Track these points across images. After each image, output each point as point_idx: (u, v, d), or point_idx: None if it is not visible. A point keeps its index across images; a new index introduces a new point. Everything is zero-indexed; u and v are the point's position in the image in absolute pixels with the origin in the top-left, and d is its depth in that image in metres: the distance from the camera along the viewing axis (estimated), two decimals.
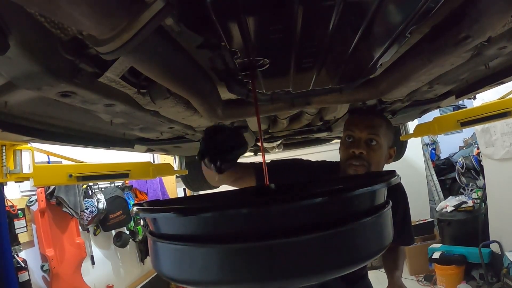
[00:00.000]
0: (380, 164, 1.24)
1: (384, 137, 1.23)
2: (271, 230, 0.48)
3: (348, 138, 1.24)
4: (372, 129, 1.21)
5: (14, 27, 0.49)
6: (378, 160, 1.22)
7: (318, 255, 0.49)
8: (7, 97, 0.77)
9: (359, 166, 1.19)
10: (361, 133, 1.21)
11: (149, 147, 1.69)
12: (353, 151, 1.20)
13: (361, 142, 1.20)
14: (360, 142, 1.20)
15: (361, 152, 1.19)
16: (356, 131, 1.22)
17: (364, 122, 1.23)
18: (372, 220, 0.54)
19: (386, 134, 1.23)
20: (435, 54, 0.75)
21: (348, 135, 1.25)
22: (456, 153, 5.80)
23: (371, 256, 0.53)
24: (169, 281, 0.58)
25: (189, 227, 0.52)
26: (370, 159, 1.19)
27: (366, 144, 1.20)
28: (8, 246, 1.94)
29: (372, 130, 1.20)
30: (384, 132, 1.23)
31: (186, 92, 0.83)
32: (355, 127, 1.23)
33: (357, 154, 1.19)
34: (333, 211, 0.52)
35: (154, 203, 0.74)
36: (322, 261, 0.49)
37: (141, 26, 0.44)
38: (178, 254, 0.52)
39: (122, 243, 3.96)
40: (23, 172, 1.49)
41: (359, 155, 1.19)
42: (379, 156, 1.21)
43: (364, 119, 1.25)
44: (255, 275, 0.48)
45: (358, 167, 1.19)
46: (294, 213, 0.50)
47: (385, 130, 1.24)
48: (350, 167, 1.20)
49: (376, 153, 1.21)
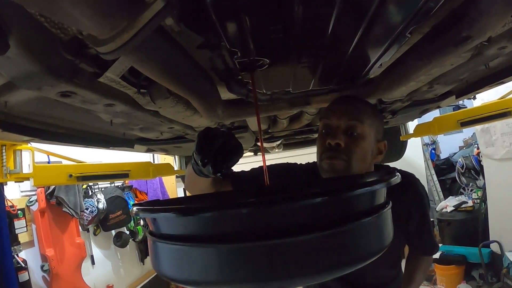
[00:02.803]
0: (365, 160, 0.98)
1: (370, 127, 0.97)
2: (271, 230, 0.48)
3: (324, 129, 1.00)
4: (353, 115, 0.96)
5: (14, 27, 0.49)
6: (362, 154, 0.96)
7: (317, 255, 0.49)
8: (7, 97, 0.77)
9: (335, 160, 0.94)
10: (339, 120, 0.96)
11: (149, 147, 1.69)
12: (329, 142, 0.95)
13: (339, 131, 0.96)
14: (337, 131, 0.96)
15: (338, 143, 0.94)
16: (333, 118, 0.97)
17: (342, 107, 0.99)
18: (370, 221, 0.54)
19: (372, 123, 0.98)
20: (435, 54, 0.75)
21: (324, 124, 1.00)
22: (456, 153, 5.80)
23: (369, 257, 0.53)
24: (169, 281, 0.58)
25: (188, 227, 0.52)
26: (351, 153, 0.94)
27: (346, 133, 0.96)
28: (8, 246, 1.95)
29: (353, 116, 0.96)
30: (370, 120, 0.98)
31: (186, 92, 0.83)
32: (332, 113, 0.99)
33: (333, 145, 0.94)
34: (333, 211, 0.52)
35: (154, 203, 0.74)
36: (322, 261, 0.49)
37: (141, 26, 0.44)
38: (178, 254, 0.52)
39: (122, 243, 3.96)
40: (23, 172, 1.49)
41: (335, 147, 0.94)
42: (362, 149, 0.96)
43: (343, 103, 1.01)
44: (255, 275, 0.48)
45: (334, 160, 0.94)
46: (294, 213, 0.50)
47: (371, 118, 0.98)
48: (324, 163, 0.96)
49: (358, 146, 0.95)
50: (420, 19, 0.67)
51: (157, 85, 0.84)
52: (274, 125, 1.84)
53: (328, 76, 1.03)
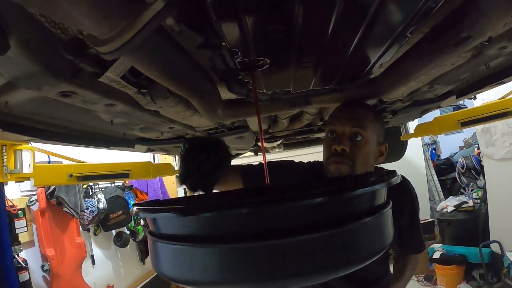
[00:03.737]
0: (368, 162, 1.08)
1: (372, 132, 1.07)
2: (271, 229, 0.48)
3: (330, 134, 1.09)
4: (356, 122, 1.05)
5: (14, 27, 0.49)
6: (365, 158, 1.06)
7: (317, 255, 0.49)
8: (8, 97, 0.77)
9: (341, 164, 1.04)
10: (343, 127, 1.06)
11: (149, 147, 1.69)
12: (335, 147, 1.05)
13: (344, 137, 1.05)
14: (342, 138, 1.05)
15: (343, 149, 1.04)
16: (338, 125, 1.07)
17: (347, 114, 1.08)
18: (371, 221, 0.54)
19: (374, 128, 1.08)
20: (435, 54, 0.75)
21: (330, 130, 1.09)
22: (457, 153, 5.80)
23: (368, 258, 0.53)
24: (169, 281, 0.58)
25: (188, 227, 0.52)
26: (355, 157, 1.04)
27: (350, 139, 1.05)
28: (8, 246, 1.95)
29: (357, 123, 1.05)
30: (372, 125, 1.07)
31: (186, 92, 0.83)
32: (336, 120, 1.08)
33: (339, 151, 1.04)
34: (332, 211, 0.52)
35: (154, 204, 0.74)
36: (322, 261, 0.49)
37: (141, 26, 0.44)
38: (178, 254, 0.52)
39: (122, 243, 3.96)
40: (23, 172, 1.49)
41: (341, 152, 1.04)
42: (365, 153, 1.06)
43: (347, 111, 1.10)
44: (255, 275, 0.48)
45: (340, 165, 1.04)
46: (294, 213, 0.50)
47: (373, 123, 1.08)
48: (331, 166, 1.06)
49: (362, 150, 1.05)
50: (420, 19, 0.67)
51: (157, 85, 0.84)
52: (274, 125, 1.84)
53: (329, 76, 1.03)
